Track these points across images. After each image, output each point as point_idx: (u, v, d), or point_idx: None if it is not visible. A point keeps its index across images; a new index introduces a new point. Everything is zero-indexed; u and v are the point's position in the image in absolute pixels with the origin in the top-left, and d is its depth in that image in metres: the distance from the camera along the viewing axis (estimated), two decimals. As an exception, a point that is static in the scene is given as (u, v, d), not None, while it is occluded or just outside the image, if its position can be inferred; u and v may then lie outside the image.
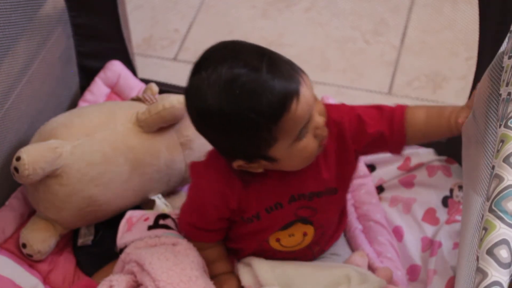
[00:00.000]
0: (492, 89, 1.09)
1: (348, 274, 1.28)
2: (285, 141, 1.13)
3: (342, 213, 1.39)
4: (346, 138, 1.25)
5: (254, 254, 1.33)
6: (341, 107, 1.28)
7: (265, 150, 1.14)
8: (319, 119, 1.16)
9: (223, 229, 1.31)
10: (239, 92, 1.08)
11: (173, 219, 1.37)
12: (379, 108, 1.26)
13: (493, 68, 1.09)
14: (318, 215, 1.28)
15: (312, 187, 1.25)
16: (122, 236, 1.35)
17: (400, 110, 1.25)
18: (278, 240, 1.30)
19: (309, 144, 1.15)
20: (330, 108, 1.24)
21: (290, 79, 1.10)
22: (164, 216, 1.37)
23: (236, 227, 1.31)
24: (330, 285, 1.28)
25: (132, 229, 1.35)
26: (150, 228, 1.34)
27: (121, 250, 1.34)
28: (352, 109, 1.27)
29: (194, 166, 1.27)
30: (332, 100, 1.60)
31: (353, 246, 1.44)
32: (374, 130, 1.24)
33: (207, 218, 1.27)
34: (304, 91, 1.11)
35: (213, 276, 1.31)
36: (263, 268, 1.29)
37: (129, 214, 1.40)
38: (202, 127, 1.17)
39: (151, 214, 1.37)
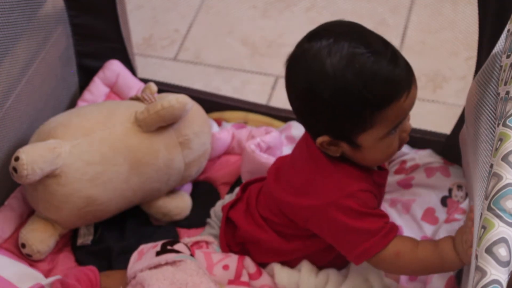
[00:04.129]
0: (481, 93, 1.09)
1: (369, 280, 1.29)
2: (379, 130, 1.14)
3: None
4: None
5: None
6: None
7: (357, 133, 1.15)
8: (409, 124, 1.20)
9: None
10: (359, 68, 1.10)
11: (185, 244, 1.33)
12: None
13: (484, 71, 1.09)
14: None
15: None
16: (132, 266, 1.32)
17: None
18: None
19: (394, 142, 1.18)
20: None
21: (408, 74, 1.13)
22: (172, 242, 1.33)
23: None
24: None
25: (142, 258, 1.32)
26: (158, 254, 1.30)
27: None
28: None
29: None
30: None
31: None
32: None
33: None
34: (413, 89, 1.14)
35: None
36: (308, 274, 1.29)
37: (142, 246, 1.36)
38: (305, 92, 1.15)
39: (159, 242, 1.34)
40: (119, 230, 1.49)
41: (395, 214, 1.50)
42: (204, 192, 1.57)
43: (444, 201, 1.50)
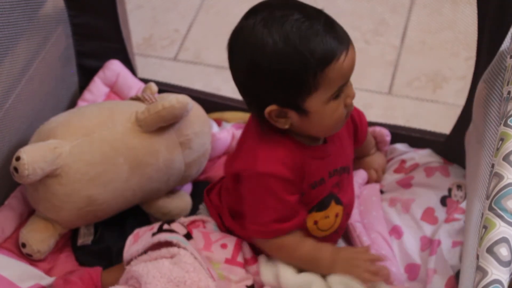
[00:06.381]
0: (489, 91, 1.10)
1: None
2: (323, 93, 1.17)
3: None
4: (357, 129, 1.41)
5: None
6: None
7: (303, 97, 1.17)
8: (352, 90, 1.22)
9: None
10: (296, 31, 1.13)
11: (181, 224, 1.34)
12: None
13: (491, 70, 1.09)
14: (341, 193, 1.32)
15: (341, 162, 1.31)
16: (129, 249, 1.33)
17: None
18: (316, 222, 1.31)
19: (339, 108, 1.20)
20: None
21: (343, 37, 1.17)
22: (169, 222, 1.34)
23: None
24: None
25: (138, 241, 1.33)
26: (154, 234, 1.31)
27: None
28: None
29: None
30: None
31: (349, 236, 1.45)
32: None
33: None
34: (352, 50, 1.18)
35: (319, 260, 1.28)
36: (288, 271, 1.28)
37: (137, 230, 1.37)
38: (248, 66, 1.18)
39: (156, 224, 1.35)
40: (119, 230, 1.49)
41: (395, 214, 1.50)
42: (204, 192, 1.57)
43: (443, 201, 1.50)
